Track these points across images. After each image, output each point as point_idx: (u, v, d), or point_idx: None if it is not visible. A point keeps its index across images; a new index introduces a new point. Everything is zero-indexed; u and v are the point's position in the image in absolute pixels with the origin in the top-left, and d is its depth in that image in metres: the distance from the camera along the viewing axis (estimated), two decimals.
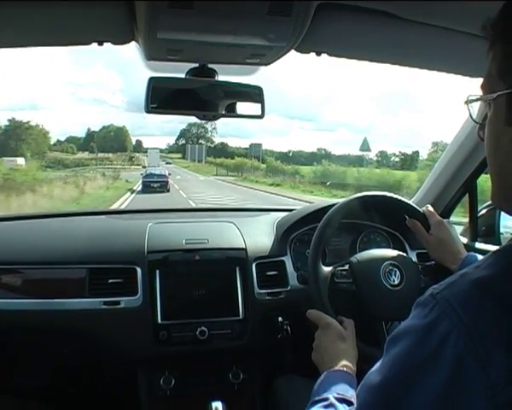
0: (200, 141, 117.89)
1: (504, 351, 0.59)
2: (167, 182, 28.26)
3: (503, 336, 0.60)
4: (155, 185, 27.25)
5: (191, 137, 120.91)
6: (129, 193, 26.05)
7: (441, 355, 0.63)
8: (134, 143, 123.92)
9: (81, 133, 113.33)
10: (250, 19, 1.12)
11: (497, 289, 0.64)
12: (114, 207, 17.79)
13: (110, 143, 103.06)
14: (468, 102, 0.82)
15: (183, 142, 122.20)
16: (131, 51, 1.45)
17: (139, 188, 28.54)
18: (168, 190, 27.08)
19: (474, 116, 0.83)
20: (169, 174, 30.70)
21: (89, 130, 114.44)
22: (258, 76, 1.54)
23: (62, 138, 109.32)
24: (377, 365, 0.75)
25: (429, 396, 0.63)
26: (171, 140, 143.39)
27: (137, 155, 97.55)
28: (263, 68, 1.50)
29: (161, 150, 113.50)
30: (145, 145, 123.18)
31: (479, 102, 0.80)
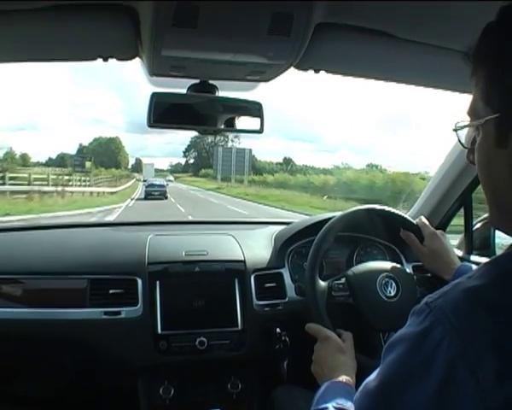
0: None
1: (494, 356, 0.62)
2: (166, 191, 32.40)
3: (493, 341, 0.63)
4: (156, 194, 31.34)
5: (205, 148, 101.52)
6: (129, 199, 29.48)
7: (434, 360, 0.65)
8: (134, 161, 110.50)
9: (74, 150, 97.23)
10: (251, 38, 1.15)
11: (488, 297, 0.66)
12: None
13: (100, 157, 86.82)
14: (456, 129, 0.84)
15: (195, 154, 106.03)
16: (132, 72, 1.48)
17: (142, 196, 32.75)
18: (166, 198, 30.77)
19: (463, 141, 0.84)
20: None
21: (80, 145, 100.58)
22: (260, 96, 1.56)
23: (54, 156, 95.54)
24: (375, 372, 0.78)
25: (423, 400, 0.66)
26: (174, 161, 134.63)
27: (135, 175, 78.40)
28: (264, 87, 1.54)
29: (162, 171, 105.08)
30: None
31: (469, 130, 0.82)
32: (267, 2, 1.03)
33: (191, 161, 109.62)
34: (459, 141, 0.85)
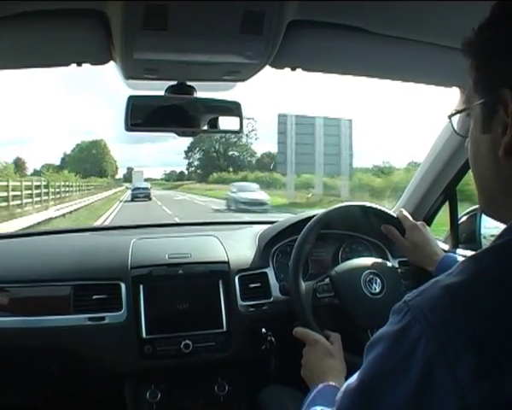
0: (231, 152, 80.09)
1: (472, 354, 0.61)
2: (150, 193, 36.73)
3: (471, 339, 0.62)
4: (141, 195, 35.21)
5: (214, 146, 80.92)
6: (118, 201, 32.61)
7: (412, 359, 0.65)
8: (125, 171, 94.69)
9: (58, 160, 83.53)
10: (223, 38, 1.15)
11: (466, 294, 0.66)
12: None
13: (81, 165, 73.74)
14: (450, 115, 0.87)
15: (200, 156, 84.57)
16: (120, 81, 1.47)
17: (129, 198, 36.17)
18: (150, 199, 34.81)
19: (457, 129, 0.88)
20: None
21: (64, 154, 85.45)
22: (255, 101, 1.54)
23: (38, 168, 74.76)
24: (357, 372, 0.77)
25: (402, 398, 0.65)
26: (167, 169, 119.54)
27: (124, 185, 69.10)
28: (242, 86, 1.54)
29: (155, 180, 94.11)
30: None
31: (462, 118, 0.85)
32: (238, 1, 1.02)
33: (195, 163, 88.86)
34: (453, 129, 0.89)
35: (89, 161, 79.26)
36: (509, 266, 0.66)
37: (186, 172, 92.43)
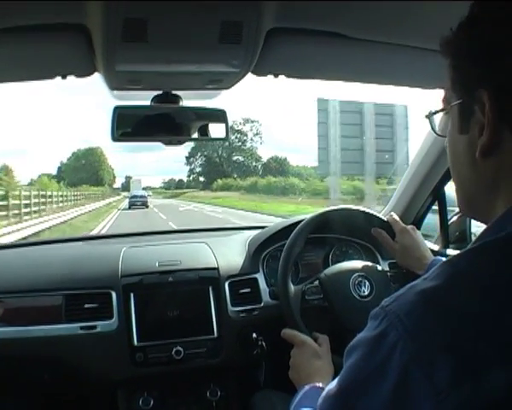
0: (235, 157, 78.09)
1: (448, 359, 0.61)
2: (147, 200, 38.59)
3: (447, 343, 0.62)
4: (138, 203, 36.90)
5: (216, 151, 78.32)
6: (116, 209, 33.16)
7: (389, 365, 0.65)
8: (124, 180, 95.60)
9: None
10: (202, 48, 1.16)
11: (441, 299, 0.66)
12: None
13: (78, 174, 73.15)
14: (429, 115, 0.88)
15: (202, 161, 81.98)
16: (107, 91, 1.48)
17: (126, 206, 37.42)
18: (147, 207, 35.95)
19: (437, 129, 0.88)
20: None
21: (61, 163, 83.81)
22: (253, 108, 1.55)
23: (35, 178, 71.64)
24: (337, 377, 0.78)
25: (379, 404, 0.65)
26: (166, 178, 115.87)
27: (122, 194, 69.27)
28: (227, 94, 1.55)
29: (154, 189, 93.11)
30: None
31: (442, 117, 0.85)
32: (215, 12, 1.03)
33: (197, 169, 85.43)
34: (432, 129, 0.89)
35: (85, 170, 77.65)
36: (485, 269, 0.67)
37: (186, 179, 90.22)
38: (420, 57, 1.32)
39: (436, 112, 0.86)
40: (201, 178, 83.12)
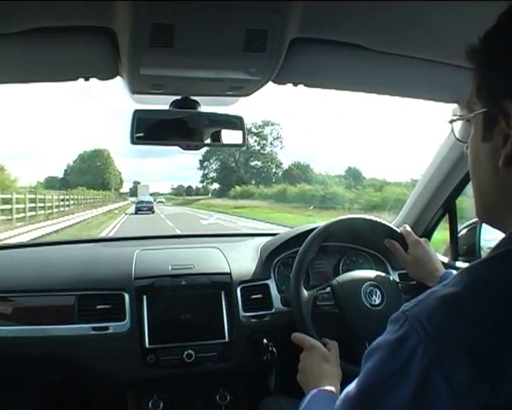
0: (253, 162, 70.43)
1: (467, 362, 0.63)
2: (153, 206, 39.20)
3: (467, 347, 0.64)
4: (144, 209, 37.16)
5: (233, 155, 69.09)
6: (123, 214, 33.70)
7: (409, 368, 0.66)
8: (132, 185, 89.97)
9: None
10: (226, 55, 1.18)
11: (462, 304, 0.67)
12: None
13: (83, 177, 68.60)
14: (451, 121, 0.88)
15: (216, 166, 73.41)
16: (126, 95, 1.50)
17: (132, 211, 37.66)
18: (153, 212, 36.24)
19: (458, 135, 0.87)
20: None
21: (67, 166, 78.75)
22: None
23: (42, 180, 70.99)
24: (355, 380, 0.79)
25: (399, 406, 0.66)
26: (175, 184, 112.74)
27: (130, 199, 63.83)
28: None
29: (162, 195, 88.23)
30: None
31: (463, 123, 0.85)
32: (241, 20, 1.05)
33: (211, 174, 76.32)
34: (453, 134, 0.89)
35: (90, 173, 73.13)
36: (507, 276, 0.67)
37: (201, 185, 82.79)
38: (441, 72, 1.34)
39: (459, 118, 0.86)
40: (215, 185, 76.31)
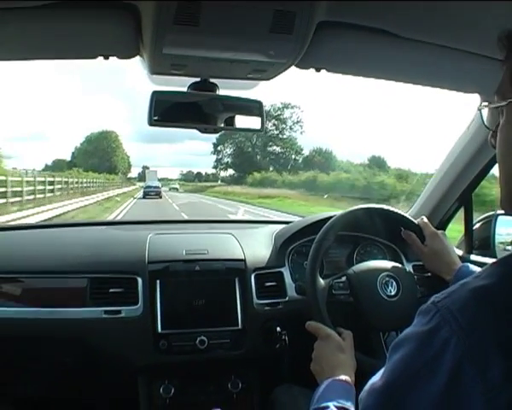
0: (271, 147, 65.63)
1: (501, 355, 0.62)
2: (160, 191, 40.10)
3: (500, 341, 0.63)
4: (152, 193, 38.37)
5: (250, 139, 64.07)
6: (132, 198, 34.70)
7: (441, 360, 0.65)
8: (141, 170, 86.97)
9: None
10: (253, 37, 1.16)
11: (495, 296, 0.67)
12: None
13: (90, 159, 65.16)
14: (480, 108, 0.88)
15: (230, 151, 68.40)
16: (139, 80, 1.47)
17: (141, 195, 39.09)
18: (161, 197, 37.41)
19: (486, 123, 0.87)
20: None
21: (75, 148, 74.28)
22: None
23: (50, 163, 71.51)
24: (380, 371, 0.78)
25: (429, 399, 0.66)
26: (184, 170, 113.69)
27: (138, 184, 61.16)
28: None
29: (171, 180, 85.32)
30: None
31: (491, 110, 0.85)
32: (269, 0, 1.03)
33: (225, 159, 70.93)
34: (482, 121, 0.89)
35: (97, 155, 69.17)
36: None
37: (210, 172, 79.46)
38: (465, 61, 1.32)
39: (489, 106, 0.85)
40: (229, 171, 70.78)
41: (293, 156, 65.65)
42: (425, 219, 1.77)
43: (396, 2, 1.07)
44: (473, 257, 2.05)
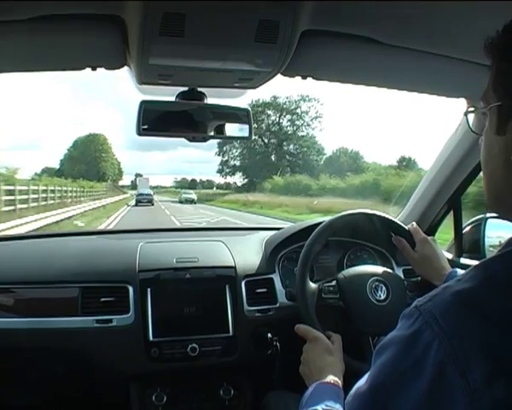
0: (287, 145, 55.91)
1: (482, 357, 0.63)
2: (152, 198, 41.25)
3: (482, 343, 0.64)
4: (144, 201, 39.06)
5: (262, 136, 54.84)
6: (126, 205, 35.07)
7: (424, 363, 0.66)
8: (134, 177, 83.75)
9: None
10: (238, 46, 1.17)
11: (476, 299, 0.67)
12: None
13: (76, 166, 60.73)
14: (466, 113, 0.89)
15: (237, 152, 57.46)
16: (130, 88, 1.49)
17: (133, 203, 39.63)
18: (153, 204, 38.62)
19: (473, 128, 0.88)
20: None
21: (65, 155, 68.65)
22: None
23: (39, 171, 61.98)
24: (365, 375, 0.78)
25: (414, 402, 0.66)
26: (178, 177, 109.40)
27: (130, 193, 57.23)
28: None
29: (164, 188, 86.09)
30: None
31: (478, 115, 0.86)
32: (253, 10, 1.04)
33: (232, 162, 59.77)
34: (469, 126, 0.90)
35: (84, 161, 64.21)
36: None
37: (205, 179, 72.15)
38: (451, 67, 1.33)
39: (473, 111, 0.87)
40: (240, 175, 58.95)
41: (315, 158, 56.48)
42: (415, 225, 1.78)
43: (380, 9, 1.08)
44: (463, 260, 2.05)
